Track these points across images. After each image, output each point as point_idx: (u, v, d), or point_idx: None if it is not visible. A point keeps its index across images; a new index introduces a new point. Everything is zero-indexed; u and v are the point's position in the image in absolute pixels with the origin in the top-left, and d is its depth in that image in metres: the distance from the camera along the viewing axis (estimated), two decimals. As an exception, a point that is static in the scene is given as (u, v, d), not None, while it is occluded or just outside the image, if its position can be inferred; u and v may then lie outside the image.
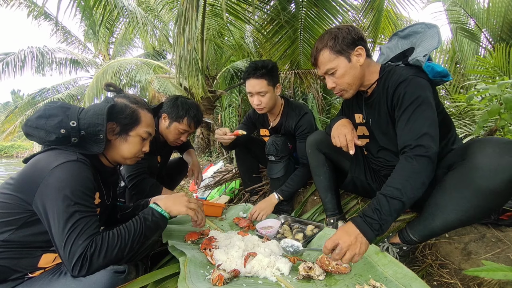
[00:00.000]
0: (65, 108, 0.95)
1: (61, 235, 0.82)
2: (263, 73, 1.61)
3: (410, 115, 0.99)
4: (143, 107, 1.10)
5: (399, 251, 1.09)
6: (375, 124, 1.21)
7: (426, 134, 0.95)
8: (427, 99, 0.99)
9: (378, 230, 0.90)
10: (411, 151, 0.96)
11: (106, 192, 1.10)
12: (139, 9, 4.15)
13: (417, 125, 0.97)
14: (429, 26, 1.10)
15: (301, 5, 3.33)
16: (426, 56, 1.02)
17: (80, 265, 0.81)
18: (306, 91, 4.68)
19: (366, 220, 0.91)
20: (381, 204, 0.91)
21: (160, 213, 1.02)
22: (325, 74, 1.16)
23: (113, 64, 6.77)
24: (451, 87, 4.31)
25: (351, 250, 0.87)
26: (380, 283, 0.90)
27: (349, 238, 0.88)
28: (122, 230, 0.92)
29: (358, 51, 1.10)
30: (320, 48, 1.12)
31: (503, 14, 3.84)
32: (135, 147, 1.07)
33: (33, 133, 0.92)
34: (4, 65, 8.98)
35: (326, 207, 1.49)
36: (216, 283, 0.93)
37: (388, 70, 1.12)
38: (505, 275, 0.64)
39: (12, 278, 0.87)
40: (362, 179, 1.41)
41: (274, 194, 1.71)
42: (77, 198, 0.85)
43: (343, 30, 1.10)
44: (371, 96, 1.19)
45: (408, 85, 1.01)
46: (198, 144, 5.33)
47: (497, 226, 1.16)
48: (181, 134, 1.71)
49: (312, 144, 1.49)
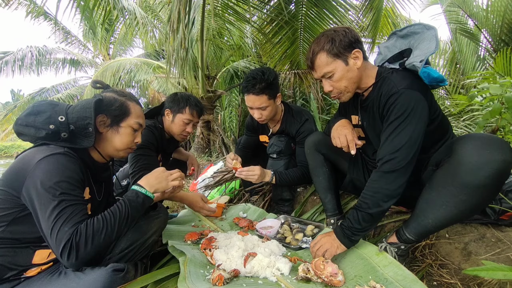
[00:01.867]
0: (54, 104, 0.96)
1: (47, 223, 0.83)
2: (263, 87, 1.52)
3: (393, 129, 1.01)
4: (132, 99, 1.12)
5: (397, 250, 1.09)
6: (369, 127, 1.22)
7: (401, 149, 0.99)
8: (413, 114, 0.99)
9: (350, 236, 1.06)
10: (383, 165, 1.02)
11: (97, 189, 1.10)
12: (139, 9, 4.15)
13: (396, 140, 1.00)
14: (427, 28, 1.10)
15: (301, 5, 3.32)
16: (423, 62, 1.02)
17: (68, 252, 0.81)
18: (306, 91, 4.67)
19: (341, 227, 1.09)
20: (353, 215, 1.06)
21: (144, 194, 1.01)
22: (321, 78, 1.15)
23: (113, 64, 6.76)
24: (451, 87, 4.31)
25: (329, 251, 1.07)
26: (380, 285, 0.90)
27: (329, 242, 1.09)
28: (107, 214, 0.91)
29: (355, 54, 1.09)
30: (316, 51, 1.11)
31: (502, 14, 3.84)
32: (127, 138, 1.08)
33: (24, 131, 0.93)
34: (3, 64, 8.96)
35: (326, 208, 1.49)
36: (216, 283, 0.93)
37: (384, 77, 1.12)
38: (504, 274, 0.64)
39: (8, 276, 0.88)
40: (361, 179, 1.41)
41: (271, 171, 1.65)
42: (63, 188, 0.85)
43: (340, 32, 1.09)
44: (367, 100, 1.19)
45: (398, 98, 1.01)
46: (198, 144, 5.32)
47: (497, 226, 1.16)
48: (186, 124, 1.74)
49: (311, 144, 1.49)
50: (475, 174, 0.86)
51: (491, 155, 0.84)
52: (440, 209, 0.96)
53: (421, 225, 1.02)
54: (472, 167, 0.86)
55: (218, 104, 6.48)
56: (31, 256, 0.91)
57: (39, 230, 0.87)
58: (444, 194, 0.94)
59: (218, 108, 6.71)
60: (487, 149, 0.85)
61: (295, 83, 4.56)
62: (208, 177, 2.88)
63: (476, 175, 0.86)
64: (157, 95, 8.07)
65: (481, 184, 0.86)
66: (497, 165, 0.83)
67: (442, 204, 0.95)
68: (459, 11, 4.59)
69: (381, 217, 1.07)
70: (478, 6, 4.40)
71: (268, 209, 1.92)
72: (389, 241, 1.12)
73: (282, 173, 1.67)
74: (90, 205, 1.04)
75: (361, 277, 0.98)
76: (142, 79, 7.20)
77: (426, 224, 1.00)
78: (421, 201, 1.02)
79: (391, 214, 1.45)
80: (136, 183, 1.04)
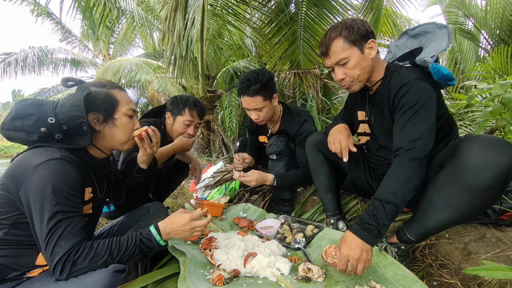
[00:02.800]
0: (38, 105, 0.91)
1: (42, 234, 0.82)
2: (257, 89, 1.53)
3: (408, 119, 1.00)
4: (114, 87, 1.05)
5: (397, 250, 1.09)
6: (376, 123, 1.21)
7: (420, 139, 0.96)
8: (426, 105, 0.98)
9: (377, 234, 0.92)
10: (405, 154, 0.97)
11: (99, 186, 1.08)
12: (139, 9, 4.15)
13: (413, 130, 0.98)
14: (439, 27, 1.09)
15: (301, 5, 3.32)
16: (434, 57, 1.01)
17: (61, 267, 0.81)
18: (306, 91, 4.67)
19: (364, 227, 0.93)
20: (378, 209, 0.93)
21: (157, 242, 0.97)
22: (335, 65, 1.12)
23: (113, 64, 6.78)
24: (451, 87, 4.30)
25: (361, 262, 0.89)
26: (380, 285, 0.90)
27: (355, 251, 0.90)
28: (113, 244, 0.89)
29: (371, 44, 1.08)
30: (333, 37, 1.09)
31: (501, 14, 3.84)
32: (127, 127, 1.04)
33: (13, 135, 0.89)
34: (6, 65, 8.96)
35: (326, 208, 1.49)
36: (216, 283, 0.93)
37: (393, 70, 1.12)
38: (505, 274, 0.64)
39: (10, 276, 0.87)
40: (362, 178, 1.41)
41: (272, 174, 1.65)
42: (59, 197, 0.83)
43: (357, 21, 1.09)
44: (375, 95, 1.18)
45: (409, 89, 1.01)
46: (198, 144, 5.32)
47: (497, 226, 1.16)
48: (187, 126, 1.73)
49: (311, 144, 1.49)
50: (480, 175, 0.85)
51: (497, 157, 0.83)
52: (442, 210, 0.95)
53: (422, 226, 1.01)
54: (476, 168, 0.86)
55: (218, 104, 6.48)
56: (34, 257, 0.91)
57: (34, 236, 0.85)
58: (447, 195, 0.93)
59: (218, 108, 6.70)
60: (493, 151, 0.84)
61: (295, 83, 4.56)
62: (208, 177, 2.87)
63: (481, 176, 0.85)
64: (157, 95, 8.05)
65: (485, 186, 0.85)
66: (502, 167, 0.83)
67: (445, 205, 0.94)
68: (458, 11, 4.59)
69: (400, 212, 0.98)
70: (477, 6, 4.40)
71: (268, 209, 1.92)
72: (389, 241, 1.12)
73: (284, 175, 1.67)
74: (91, 203, 1.03)
75: (361, 277, 0.98)
76: (143, 79, 7.21)
77: (428, 225, 0.99)
78: (424, 202, 1.01)
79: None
80: (155, 225, 0.99)
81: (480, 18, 4.26)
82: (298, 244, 1.25)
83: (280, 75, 4.40)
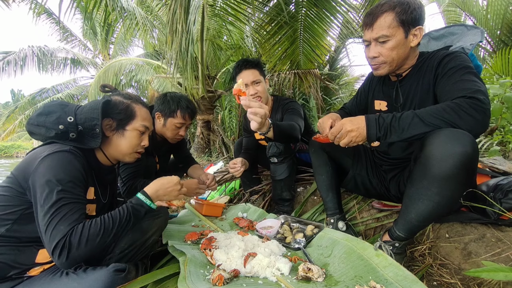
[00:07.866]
0: (64, 105, 0.99)
1: (44, 219, 0.83)
2: (254, 64, 1.74)
3: (460, 77, 0.95)
4: (137, 102, 1.13)
5: (392, 248, 1.10)
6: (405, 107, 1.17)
7: (481, 91, 0.90)
8: (475, 72, 0.96)
9: (383, 132, 0.93)
10: (468, 100, 0.88)
11: (102, 190, 1.10)
12: (139, 9, 4.15)
13: (469, 85, 0.92)
14: (468, 28, 1.08)
15: (301, 5, 3.32)
16: (473, 45, 0.99)
17: (60, 250, 0.81)
18: (306, 91, 4.67)
19: (378, 118, 0.94)
20: (405, 115, 0.92)
21: (148, 206, 1.02)
22: (374, 40, 1.07)
23: (114, 64, 6.79)
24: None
25: (348, 136, 0.96)
26: (380, 285, 0.90)
27: (351, 125, 0.96)
28: (106, 218, 0.91)
29: (417, 31, 1.04)
30: (385, 9, 1.03)
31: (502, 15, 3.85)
32: (133, 141, 1.09)
33: (35, 130, 0.95)
34: (5, 64, 8.97)
35: (327, 207, 1.49)
36: (216, 283, 0.93)
37: (430, 53, 1.09)
38: (505, 275, 0.64)
39: (11, 275, 0.88)
40: (363, 174, 1.41)
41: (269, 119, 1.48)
42: (63, 185, 0.86)
43: (416, 2, 1.02)
44: (404, 79, 1.15)
45: (456, 57, 0.99)
46: (198, 144, 5.32)
47: (497, 226, 1.16)
48: (178, 128, 1.71)
49: (315, 143, 1.49)
50: (440, 166, 0.89)
51: (452, 147, 0.86)
52: (418, 203, 0.97)
53: (406, 221, 1.03)
54: (438, 160, 0.89)
55: (218, 104, 6.48)
56: (34, 255, 0.92)
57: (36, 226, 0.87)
58: (420, 188, 0.96)
59: (218, 108, 6.71)
60: (449, 142, 0.87)
61: (295, 83, 4.56)
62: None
63: (441, 167, 0.89)
64: (156, 95, 8.06)
65: (447, 175, 0.89)
66: (458, 157, 0.86)
67: (420, 198, 0.97)
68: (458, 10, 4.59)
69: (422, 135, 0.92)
70: (478, 5, 4.40)
71: (268, 209, 1.92)
72: (383, 240, 1.13)
73: (278, 123, 1.50)
74: (95, 207, 1.04)
75: (361, 277, 0.98)
76: (143, 79, 7.21)
77: (411, 219, 1.01)
78: (405, 197, 1.04)
79: (392, 214, 1.45)
80: (143, 191, 1.03)
81: (481, 18, 4.26)
82: (298, 244, 1.25)
83: (280, 75, 4.40)
